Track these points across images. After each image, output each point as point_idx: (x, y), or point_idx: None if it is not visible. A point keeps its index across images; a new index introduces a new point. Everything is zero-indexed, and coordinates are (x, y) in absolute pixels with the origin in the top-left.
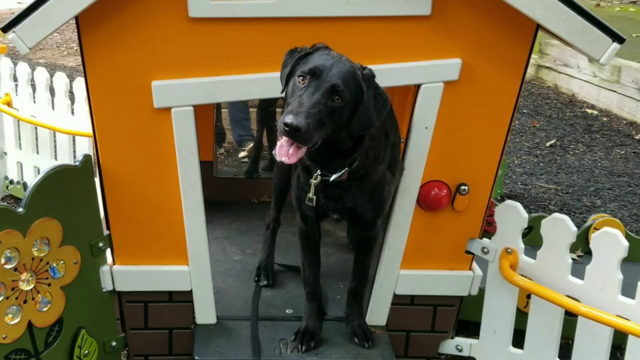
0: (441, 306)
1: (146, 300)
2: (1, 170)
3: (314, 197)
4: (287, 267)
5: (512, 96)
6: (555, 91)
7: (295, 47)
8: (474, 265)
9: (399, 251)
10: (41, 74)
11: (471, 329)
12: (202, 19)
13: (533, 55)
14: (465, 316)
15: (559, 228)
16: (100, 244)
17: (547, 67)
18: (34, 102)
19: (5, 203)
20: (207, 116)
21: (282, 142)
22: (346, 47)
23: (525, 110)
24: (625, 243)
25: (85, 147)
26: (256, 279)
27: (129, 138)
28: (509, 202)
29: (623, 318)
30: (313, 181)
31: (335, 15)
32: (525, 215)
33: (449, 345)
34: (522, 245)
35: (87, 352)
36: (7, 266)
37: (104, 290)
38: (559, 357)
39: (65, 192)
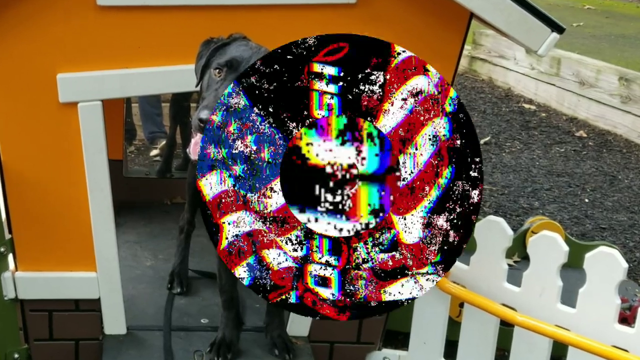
0: None
1: (51, 309)
2: None
3: None
4: (202, 273)
5: None
6: (490, 85)
7: (210, 37)
8: None
9: None
10: None
11: (400, 339)
12: (111, 7)
13: (466, 46)
14: (393, 326)
15: (494, 231)
16: (2, 249)
17: (481, 59)
18: None
19: None
20: (117, 111)
21: (197, 139)
22: (265, 38)
23: None
24: (565, 248)
25: None
26: (169, 285)
27: (33, 135)
28: None
29: (563, 328)
30: None
31: (254, 3)
32: None
33: (376, 357)
34: None
35: None
36: None
37: (5, 298)
38: None
39: None
